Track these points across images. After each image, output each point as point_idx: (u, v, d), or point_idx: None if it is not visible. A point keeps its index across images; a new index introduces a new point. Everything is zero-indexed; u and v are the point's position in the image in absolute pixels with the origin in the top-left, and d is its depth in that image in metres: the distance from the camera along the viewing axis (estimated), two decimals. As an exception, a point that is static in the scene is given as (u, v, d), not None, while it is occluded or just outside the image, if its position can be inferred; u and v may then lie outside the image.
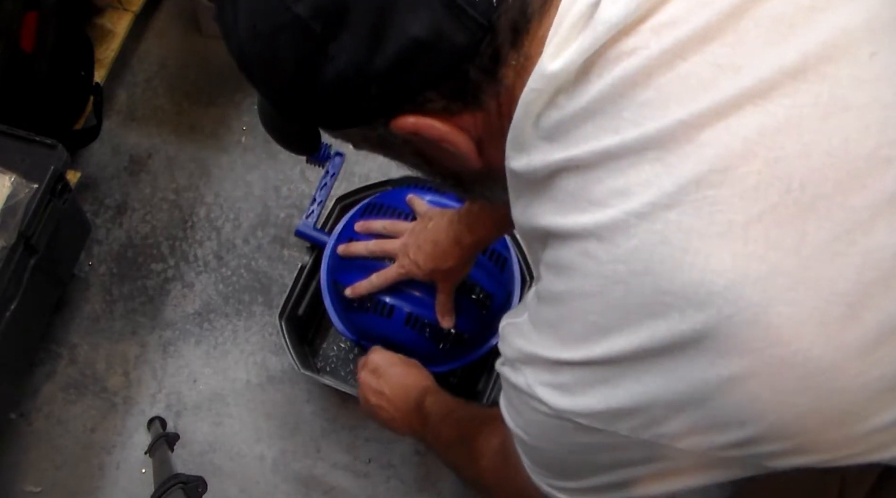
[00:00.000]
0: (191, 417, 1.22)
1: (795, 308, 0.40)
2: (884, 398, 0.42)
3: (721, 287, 0.40)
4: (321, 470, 1.20)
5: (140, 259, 1.31)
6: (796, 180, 0.40)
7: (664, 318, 0.42)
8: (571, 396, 0.47)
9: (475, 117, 0.48)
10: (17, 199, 0.97)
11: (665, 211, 0.41)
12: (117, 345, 1.26)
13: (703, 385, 0.42)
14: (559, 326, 0.47)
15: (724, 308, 0.40)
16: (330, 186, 1.13)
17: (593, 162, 0.43)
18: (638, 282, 0.42)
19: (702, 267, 0.40)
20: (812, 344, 0.40)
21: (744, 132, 0.40)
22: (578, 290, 0.45)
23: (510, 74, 0.46)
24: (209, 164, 1.37)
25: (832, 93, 0.40)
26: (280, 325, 1.10)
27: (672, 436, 0.45)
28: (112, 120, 1.39)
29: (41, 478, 1.18)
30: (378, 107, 0.47)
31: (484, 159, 0.51)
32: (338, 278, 1.04)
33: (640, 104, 0.42)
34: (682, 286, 0.41)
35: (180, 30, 1.46)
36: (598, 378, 0.45)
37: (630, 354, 0.44)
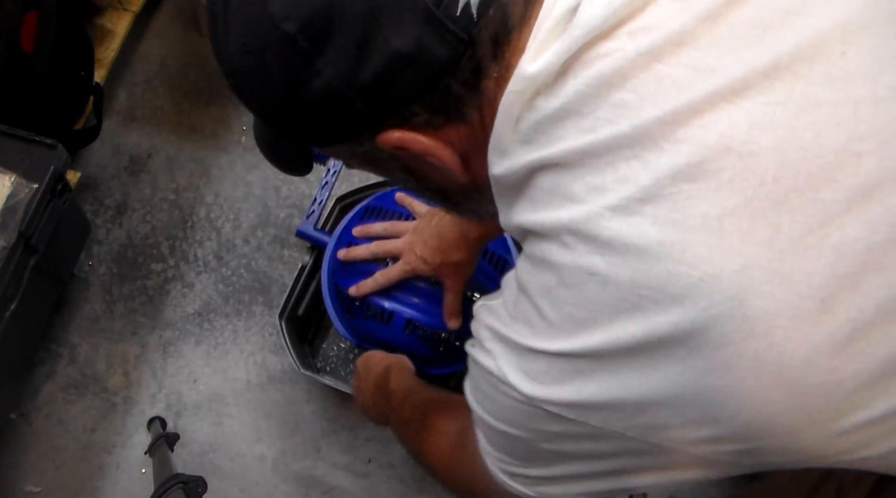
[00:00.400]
0: (191, 417, 1.22)
1: (770, 302, 0.40)
2: (858, 397, 0.42)
3: (696, 279, 0.41)
4: (321, 470, 1.20)
5: (140, 259, 1.31)
6: (770, 174, 0.40)
7: (641, 312, 0.42)
8: (544, 385, 0.47)
9: (459, 131, 0.49)
10: (17, 199, 0.97)
11: (641, 205, 0.42)
12: (117, 345, 1.26)
13: (679, 381, 0.43)
14: (535, 315, 0.47)
15: (699, 301, 0.41)
16: (331, 186, 1.13)
17: (570, 160, 0.44)
18: (614, 276, 0.42)
19: (678, 259, 0.41)
20: (786, 338, 0.40)
21: (718, 128, 0.41)
22: (556, 281, 0.45)
23: (491, 86, 0.47)
24: (209, 164, 1.37)
25: (804, 90, 0.41)
26: (280, 325, 1.10)
27: (644, 429, 0.45)
28: (112, 120, 1.39)
29: (41, 478, 1.18)
30: (364, 121, 0.48)
31: (469, 173, 0.52)
32: (338, 281, 1.04)
33: (615, 105, 0.43)
34: (658, 278, 0.41)
35: (180, 30, 1.46)
36: (572, 370, 0.46)
37: (606, 350, 0.44)
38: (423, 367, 1.04)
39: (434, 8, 0.43)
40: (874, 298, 0.41)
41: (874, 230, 0.40)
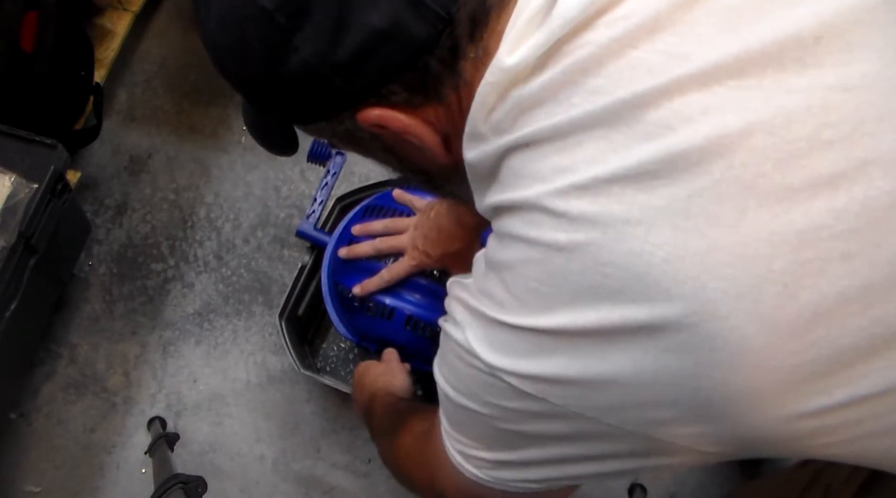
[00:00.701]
0: (191, 417, 1.22)
1: (732, 284, 0.40)
2: (816, 383, 0.42)
3: (660, 259, 0.41)
4: (321, 470, 1.20)
5: (140, 259, 1.31)
6: (738, 158, 0.40)
7: (604, 293, 0.42)
8: (507, 357, 0.47)
9: (437, 111, 0.49)
10: (17, 199, 0.97)
11: (608, 184, 0.42)
12: (117, 345, 1.26)
13: (639, 362, 0.43)
14: (502, 290, 0.47)
15: (662, 281, 0.41)
16: (331, 186, 1.13)
17: (539, 139, 0.44)
18: (578, 252, 0.43)
19: (643, 238, 0.41)
20: (747, 321, 0.40)
21: (688, 111, 0.41)
22: (522, 257, 0.45)
23: (469, 68, 0.47)
24: (209, 164, 1.37)
25: (776, 76, 0.41)
26: (280, 325, 1.10)
27: (602, 409, 0.45)
28: (112, 120, 1.39)
29: (41, 478, 1.18)
30: (343, 98, 0.48)
31: (451, 154, 0.52)
32: (339, 280, 1.04)
33: (589, 91, 0.43)
34: (622, 256, 0.41)
35: (180, 30, 1.46)
36: (535, 345, 0.46)
37: (568, 330, 0.44)
38: (423, 364, 1.04)
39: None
40: (836, 287, 0.40)
41: (839, 218, 0.40)
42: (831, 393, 0.42)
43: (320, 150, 1.12)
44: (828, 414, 0.43)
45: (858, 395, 0.42)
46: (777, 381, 0.42)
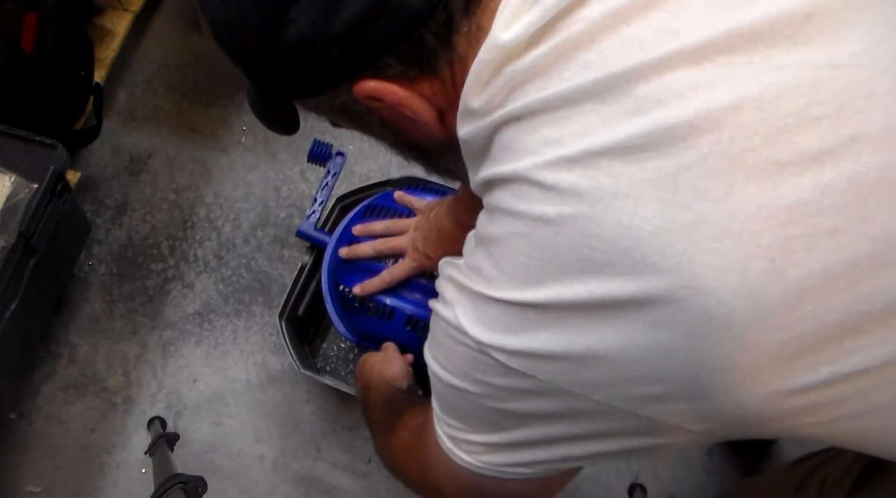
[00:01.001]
0: (191, 417, 1.22)
1: (719, 258, 0.40)
2: (802, 360, 0.42)
3: (647, 233, 0.41)
4: (321, 470, 1.20)
5: (140, 259, 1.31)
6: (727, 133, 0.41)
7: (591, 267, 0.42)
8: (494, 332, 0.47)
9: (432, 85, 0.50)
10: (17, 199, 0.97)
11: (597, 157, 0.42)
12: (117, 345, 1.26)
13: (626, 337, 0.43)
14: (490, 264, 0.47)
15: (649, 255, 0.41)
16: (331, 186, 1.13)
17: (530, 112, 0.45)
18: (566, 225, 0.43)
19: (630, 212, 0.41)
20: (734, 295, 0.40)
21: (677, 86, 0.41)
22: (510, 231, 0.46)
23: (463, 43, 0.48)
24: (209, 164, 1.37)
25: (766, 53, 0.42)
26: (280, 324, 1.10)
27: (589, 385, 0.45)
28: (112, 120, 1.39)
29: (41, 478, 1.18)
30: (339, 70, 0.49)
31: (446, 128, 0.52)
32: (339, 280, 1.04)
33: (581, 65, 0.43)
34: (610, 230, 0.42)
35: (180, 30, 1.46)
36: (522, 320, 0.46)
37: (555, 304, 0.44)
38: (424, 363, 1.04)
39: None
40: (823, 262, 0.41)
41: (826, 194, 0.40)
42: (817, 370, 0.42)
43: (320, 150, 1.12)
44: (813, 391, 0.43)
45: (844, 372, 0.43)
46: (763, 356, 0.42)
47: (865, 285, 0.41)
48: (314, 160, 1.13)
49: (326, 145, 1.12)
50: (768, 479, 0.80)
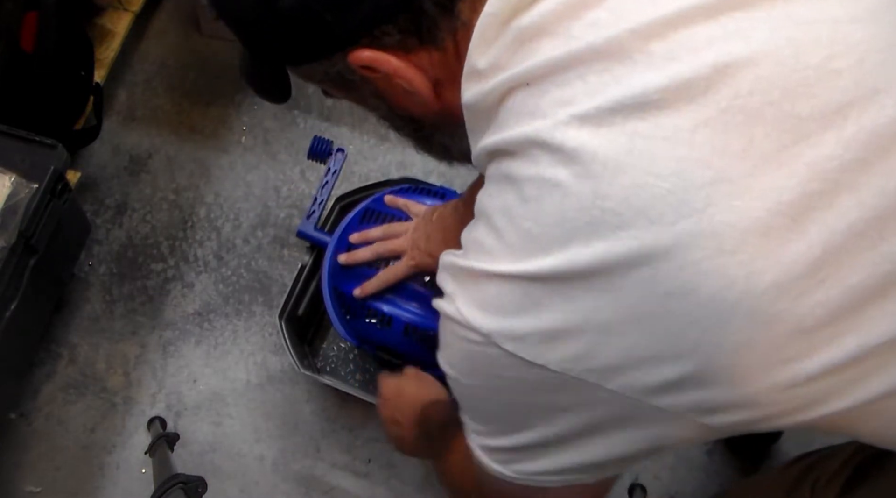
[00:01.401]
0: (191, 417, 1.22)
1: (739, 217, 0.39)
2: (824, 332, 0.40)
3: (664, 191, 0.39)
4: (321, 470, 1.20)
5: (140, 259, 1.31)
6: (745, 87, 0.39)
7: (601, 229, 0.40)
8: (496, 316, 0.45)
9: (432, 56, 0.49)
10: (17, 199, 0.97)
11: (610, 114, 0.40)
12: (117, 345, 1.26)
13: (638, 307, 0.40)
14: (493, 237, 0.45)
15: (666, 214, 0.39)
16: (332, 185, 1.12)
17: (539, 75, 0.43)
18: (576, 186, 0.40)
19: (645, 169, 0.39)
20: (755, 256, 0.39)
21: (693, 42, 0.40)
22: (516, 197, 0.43)
23: (466, 10, 0.46)
24: (209, 164, 1.37)
25: (784, 7, 0.41)
26: (280, 324, 1.10)
27: (602, 371, 0.43)
28: (112, 120, 1.39)
29: (41, 478, 1.18)
30: (335, 37, 0.48)
31: (441, 101, 0.51)
32: (338, 284, 1.04)
33: (589, 23, 0.42)
34: (623, 190, 0.40)
35: (180, 30, 1.46)
36: (526, 297, 0.43)
37: (561, 272, 0.42)
38: (425, 369, 1.04)
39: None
40: (846, 220, 0.39)
41: (847, 148, 0.39)
42: (841, 343, 0.40)
43: (321, 147, 1.12)
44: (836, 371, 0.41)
45: (869, 344, 0.40)
46: (783, 329, 0.40)
47: (890, 243, 0.39)
48: (314, 157, 1.12)
49: (327, 142, 1.12)
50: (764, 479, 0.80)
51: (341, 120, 1.39)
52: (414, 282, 0.98)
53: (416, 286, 0.98)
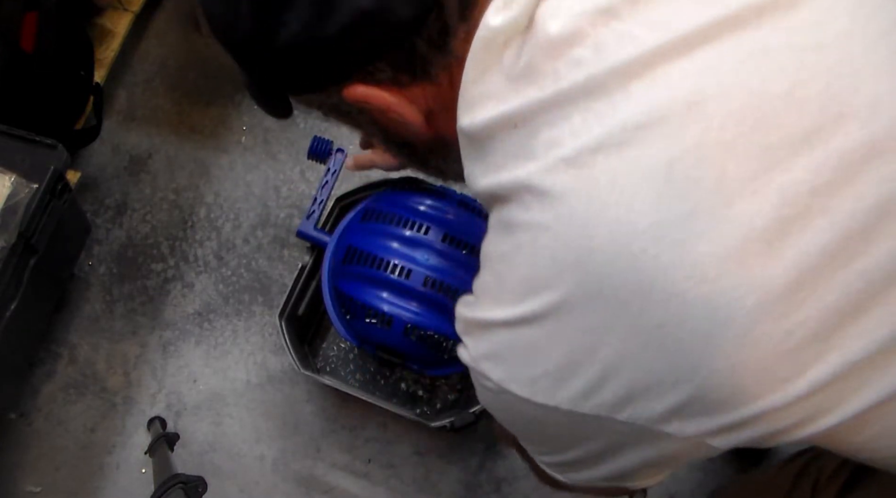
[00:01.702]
0: (191, 417, 1.22)
1: (717, 246, 0.40)
2: (810, 350, 0.41)
3: (645, 226, 0.41)
4: (321, 470, 1.20)
5: (140, 259, 1.31)
6: (717, 121, 0.41)
7: (590, 266, 0.42)
8: (507, 364, 0.47)
9: (425, 89, 0.50)
10: (17, 199, 0.97)
11: (592, 154, 0.42)
12: (117, 345, 1.26)
13: (633, 335, 0.42)
14: (495, 284, 0.47)
15: (649, 249, 0.41)
16: (332, 185, 1.12)
17: (528, 116, 0.45)
18: (565, 226, 0.43)
19: (627, 206, 0.41)
20: (735, 283, 0.40)
21: (668, 80, 0.42)
22: (513, 243, 0.45)
23: (460, 46, 0.48)
24: (209, 164, 1.37)
25: (751, 39, 0.42)
26: (280, 324, 1.10)
27: (611, 405, 0.44)
28: (112, 120, 1.39)
29: (41, 478, 1.18)
30: (329, 73, 0.49)
31: (434, 129, 0.53)
32: (338, 284, 1.04)
33: (572, 61, 0.43)
34: (607, 226, 0.41)
35: (180, 30, 1.46)
36: (528, 339, 0.45)
37: (556, 310, 0.44)
38: (424, 368, 1.05)
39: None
40: (819, 242, 0.41)
41: (817, 173, 0.41)
42: (827, 360, 0.42)
43: (320, 147, 1.11)
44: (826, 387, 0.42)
45: (850, 360, 0.42)
46: (770, 350, 0.41)
47: (861, 262, 0.41)
48: (314, 157, 1.12)
49: (327, 142, 1.12)
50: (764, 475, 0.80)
51: (341, 120, 1.39)
52: (414, 282, 0.98)
53: (416, 286, 0.98)
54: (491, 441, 1.22)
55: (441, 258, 0.99)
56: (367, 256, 1.01)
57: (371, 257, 1.00)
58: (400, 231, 1.01)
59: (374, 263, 1.00)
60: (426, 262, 0.98)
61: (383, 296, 1.00)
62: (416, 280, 0.98)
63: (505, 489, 1.20)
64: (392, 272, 0.99)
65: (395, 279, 0.98)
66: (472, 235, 1.00)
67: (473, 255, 0.99)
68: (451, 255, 0.99)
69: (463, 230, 1.00)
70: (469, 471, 1.21)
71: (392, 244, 1.01)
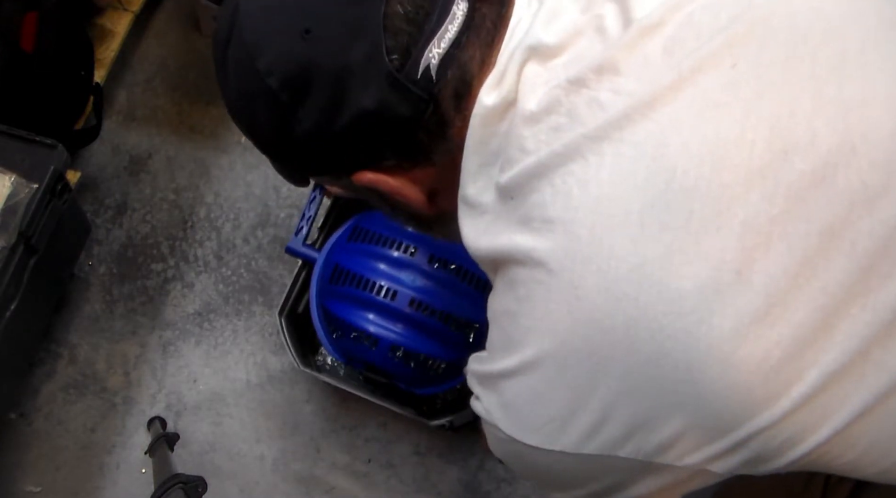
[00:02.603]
0: (191, 417, 1.22)
1: (691, 280, 0.44)
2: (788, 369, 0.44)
3: (625, 272, 0.45)
4: (321, 470, 1.20)
5: (140, 259, 1.31)
6: (679, 168, 0.46)
7: (579, 313, 0.46)
8: (515, 415, 0.51)
9: (427, 172, 0.56)
10: (17, 199, 0.97)
11: (574, 212, 0.47)
12: (117, 345, 1.26)
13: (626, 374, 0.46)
14: (502, 339, 0.52)
15: (629, 291, 0.45)
16: (319, 201, 1.12)
17: (517, 187, 0.50)
18: (555, 279, 0.47)
19: (607, 256, 0.46)
20: (712, 312, 0.44)
21: (634, 138, 0.47)
22: (513, 298, 0.51)
23: (457, 133, 0.53)
24: (209, 164, 1.37)
25: (703, 96, 0.47)
26: (280, 322, 1.10)
27: (612, 443, 0.48)
28: (112, 120, 1.39)
29: (41, 478, 1.18)
30: (340, 163, 0.56)
31: (435, 206, 0.59)
32: (326, 304, 1.05)
33: (552, 128, 0.49)
34: (591, 276, 0.46)
35: (180, 30, 1.46)
36: (531, 387, 0.49)
37: (551, 353, 0.48)
38: (410, 387, 1.05)
39: (396, 72, 0.50)
40: (781, 265, 0.44)
41: (772, 203, 0.45)
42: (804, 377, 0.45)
43: None
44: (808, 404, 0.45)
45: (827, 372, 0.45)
46: (751, 372, 0.44)
47: (820, 279, 0.45)
48: None
49: None
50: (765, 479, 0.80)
51: (341, 120, 1.39)
52: (399, 303, 0.99)
53: (402, 308, 0.99)
54: (491, 441, 1.22)
55: (427, 279, 1.00)
56: (353, 277, 1.02)
57: (358, 278, 1.01)
58: (387, 252, 1.01)
59: (361, 284, 1.01)
60: (412, 283, 1.00)
61: (369, 317, 1.01)
62: (402, 301, 0.99)
63: (505, 489, 1.20)
64: (378, 293, 0.99)
65: (381, 300, 0.99)
66: (458, 256, 1.01)
67: (460, 275, 1.01)
68: (437, 276, 1.00)
69: (450, 250, 1.01)
70: (469, 471, 1.21)
71: (379, 265, 1.01)
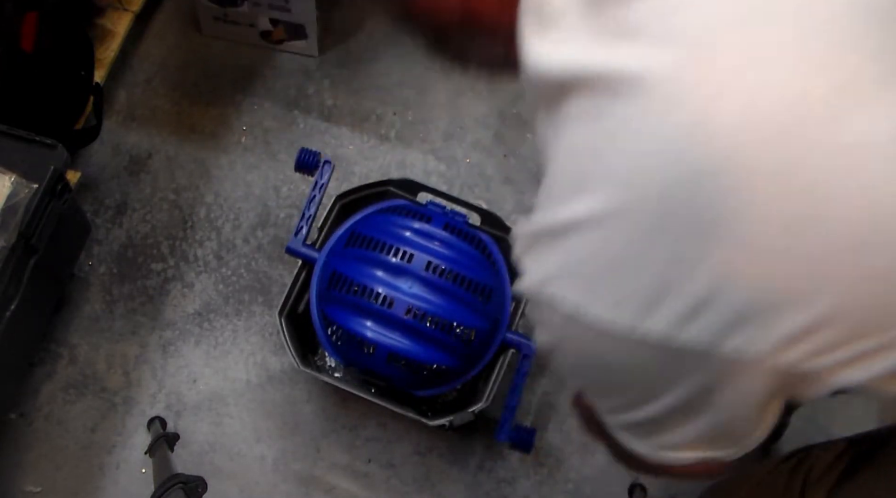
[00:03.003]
0: (191, 417, 1.22)
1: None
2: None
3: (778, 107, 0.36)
4: (321, 470, 1.20)
5: (140, 259, 1.31)
6: None
7: (658, 151, 0.37)
8: (591, 281, 0.40)
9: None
10: (17, 199, 0.97)
11: (706, 19, 0.37)
12: (117, 345, 1.26)
13: (708, 223, 0.36)
14: (576, 177, 0.41)
15: (781, 131, 0.35)
16: (319, 200, 1.11)
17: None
18: (667, 108, 0.37)
19: (759, 84, 0.36)
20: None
21: None
22: (599, 131, 0.40)
23: None
24: (209, 164, 1.37)
25: None
26: (280, 322, 1.10)
27: (716, 332, 0.37)
28: (112, 120, 1.39)
29: (41, 478, 1.18)
30: None
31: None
32: (325, 309, 1.05)
33: None
34: (729, 103, 0.36)
35: (180, 30, 1.46)
36: (615, 241, 0.39)
37: (645, 197, 0.37)
38: (409, 389, 1.06)
39: None
40: None
41: None
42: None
43: (308, 159, 1.10)
44: None
45: None
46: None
47: None
48: (302, 169, 1.12)
49: (314, 154, 1.11)
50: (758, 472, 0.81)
51: (341, 120, 1.39)
52: (396, 311, 0.99)
53: (398, 315, 0.99)
54: (491, 441, 1.22)
55: (424, 286, 1.00)
56: (351, 284, 1.02)
57: (355, 285, 1.01)
58: (384, 258, 1.01)
59: (358, 291, 1.01)
60: (409, 290, 1.00)
61: (367, 324, 1.01)
62: (399, 309, 0.99)
63: (505, 489, 1.20)
64: (375, 301, 1.00)
65: (378, 308, 1.00)
66: (455, 263, 1.02)
67: (457, 282, 1.01)
68: (434, 282, 1.00)
69: (447, 258, 1.02)
70: (469, 471, 1.21)
71: (376, 272, 1.01)
